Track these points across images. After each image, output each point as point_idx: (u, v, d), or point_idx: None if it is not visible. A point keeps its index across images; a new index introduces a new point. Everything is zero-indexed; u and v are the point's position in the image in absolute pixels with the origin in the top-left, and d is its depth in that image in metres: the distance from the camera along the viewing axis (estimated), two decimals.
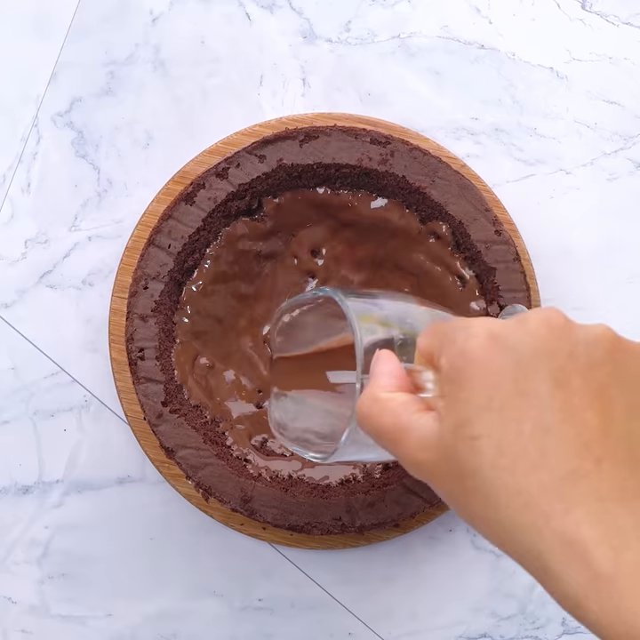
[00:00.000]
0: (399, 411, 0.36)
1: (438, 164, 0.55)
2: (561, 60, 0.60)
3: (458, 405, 0.34)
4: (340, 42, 0.60)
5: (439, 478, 0.35)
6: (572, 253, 0.60)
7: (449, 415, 0.34)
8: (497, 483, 0.32)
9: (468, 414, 0.33)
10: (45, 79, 0.60)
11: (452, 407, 0.34)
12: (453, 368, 0.34)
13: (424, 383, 0.37)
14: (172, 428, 0.55)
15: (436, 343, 0.36)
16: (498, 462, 0.32)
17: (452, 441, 0.34)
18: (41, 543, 0.61)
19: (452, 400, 0.34)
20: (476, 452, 0.33)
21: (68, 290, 0.60)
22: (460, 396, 0.34)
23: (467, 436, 0.33)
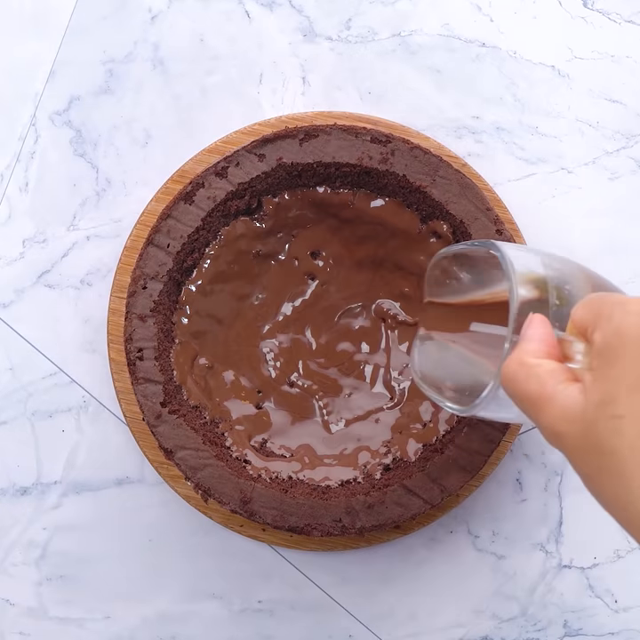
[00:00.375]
0: (545, 378, 0.36)
1: (439, 162, 0.55)
2: (562, 59, 0.60)
3: (606, 382, 0.34)
4: (341, 40, 0.60)
5: (577, 452, 0.35)
6: (573, 253, 0.60)
7: (595, 390, 0.34)
8: (633, 464, 0.33)
9: (615, 392, 0.33)
10: (43, 77, 0.60)
11: (599, 383, 0.34)
12: (607, 344, 0.35)
13: (574, 354, 0.37)
14: (171, 428, 0.55)
15: (591, 317, 0.36)
16: (637, 444, 0.32)
17: (594, 416, 0.34)
18: (39, 545, 0.61)
19: (600, 375, 0.34)
20: (617, 430, 0.33)
21: (67, 290, 0.60)
22: (609, 373, 0.34)
23: (610, 413, 0.33)
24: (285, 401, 0.59)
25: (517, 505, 0.61)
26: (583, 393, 0.35)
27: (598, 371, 0.35)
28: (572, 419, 0.35)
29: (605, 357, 0.35)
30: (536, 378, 0.37)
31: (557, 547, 0.61)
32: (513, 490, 0.61)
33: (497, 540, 0.61)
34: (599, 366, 0.35)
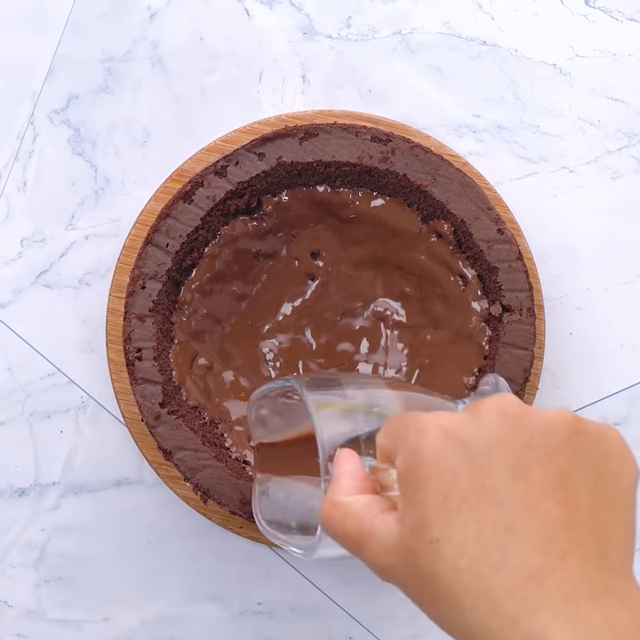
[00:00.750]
0: (361, 514, 0.35)
1: (440, 162, 0.55)
2: (564, 57, 0.60)
3: (414, 507, 0.33)
4: (341, 38, 0.60)
5: (404, 582, 0.34)
6: (575, 252, 0.60)
7: (407, 517, 0.33)
8: (460, 586, 0.31)
9: (425, 517, 0.32)
10: (42, 76, 0.60)
11: (409, 509, 0.33)
12: (407, 467, 0.34)
13: (390, 482, 0.36)
14: (170, 429, 0.55)
15: (391, 441, 0.35)
16: (459, 564, 0.31)
17: (411, 544, 0.33)
18: (37, 546, 0.61)
19: (408, 502, 0.33)
20: (437, 555, 0.32)
21: (65, 289, 0.60)
22: (415, 498, 0.33)
23: (425, 539, 0.32)
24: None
25: None
26: (399, 521, 0.34)
27: (406, 497, 0.33)
28: (392, 551, 0.34)
29: (408, 481, 0.33)
30: (351, 516, 0.35)
31: None
32: None
33: None
34: (406, 492, 0.33)
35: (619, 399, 0.60)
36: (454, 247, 0.57)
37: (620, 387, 0.61)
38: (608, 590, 0.31)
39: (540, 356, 0.58)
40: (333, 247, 0.59)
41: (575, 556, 0.31)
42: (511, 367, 0.55)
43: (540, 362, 0.58)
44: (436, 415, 0.34)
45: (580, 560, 0.31)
